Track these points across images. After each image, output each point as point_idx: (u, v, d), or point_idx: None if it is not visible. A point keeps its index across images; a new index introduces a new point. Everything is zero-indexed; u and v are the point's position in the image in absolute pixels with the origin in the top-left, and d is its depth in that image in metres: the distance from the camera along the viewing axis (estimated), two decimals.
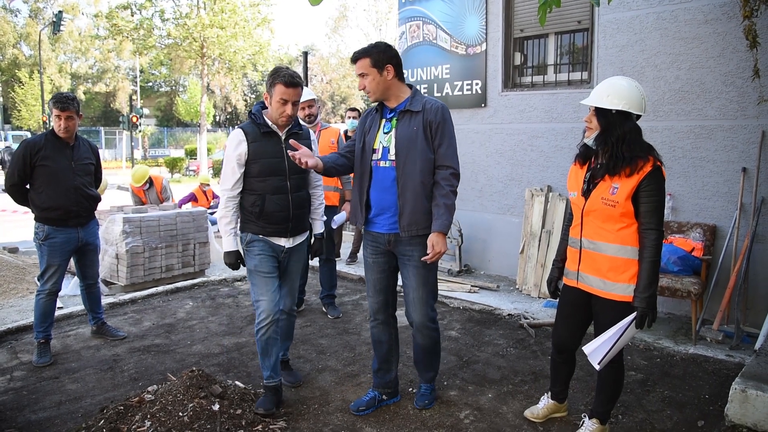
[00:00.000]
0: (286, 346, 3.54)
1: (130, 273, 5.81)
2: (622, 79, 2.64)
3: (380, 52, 2.93)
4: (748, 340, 4.20)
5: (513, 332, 4.55)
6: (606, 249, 2.62)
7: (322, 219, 3.47)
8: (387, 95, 3.00)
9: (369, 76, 2.94)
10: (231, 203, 3.15)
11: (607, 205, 2.57)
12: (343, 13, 39.40)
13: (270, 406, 3.12)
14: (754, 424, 2.96)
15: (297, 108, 3.09)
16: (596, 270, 2.67)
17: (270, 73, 3.07)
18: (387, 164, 2.98)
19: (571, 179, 2.82)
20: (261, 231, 3.16)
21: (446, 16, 6.40)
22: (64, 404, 3.28)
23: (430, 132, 2.92)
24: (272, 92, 3.03)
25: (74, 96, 3.97)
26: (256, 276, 3.16)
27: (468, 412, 3.21)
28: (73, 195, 3.91)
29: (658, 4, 4.89)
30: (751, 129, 4.51)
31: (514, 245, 5.93)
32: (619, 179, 2.54)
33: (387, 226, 3.03)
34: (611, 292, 2.63)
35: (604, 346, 2.59)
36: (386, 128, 3.02)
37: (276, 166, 3.11)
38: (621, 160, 2.53)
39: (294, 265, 3.32)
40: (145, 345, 4.22)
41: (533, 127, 5.82)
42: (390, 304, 3.21)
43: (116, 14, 24.05)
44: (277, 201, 3.12)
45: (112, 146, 35.50)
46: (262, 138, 3.10)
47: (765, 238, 4.41)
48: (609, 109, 2.56)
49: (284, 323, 3.40)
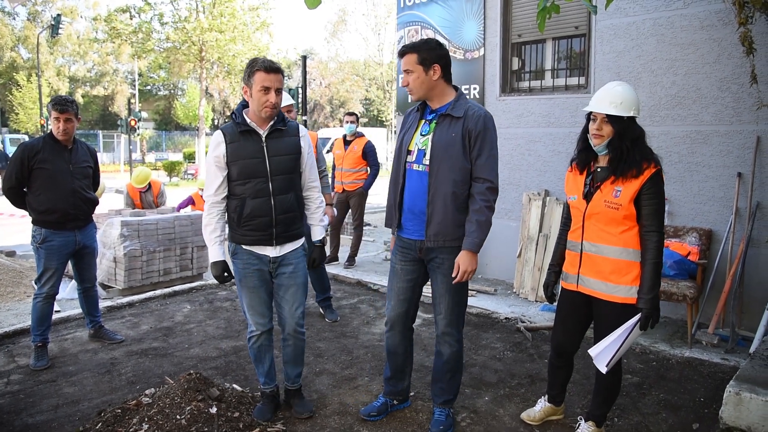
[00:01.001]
0: (295, 373, 3.22)
1: (127, 276, 5.81)
2: (621, 84, 2.66)
3: (430, 49, 2.78)
4: (743, 343, 4.22)
5: (510, 336, 4.57)
6: (608, 252, 2.64)
7: (321, 224, 3.20)
8: (430, 96, 2.85)
9: (414, 73, 2.78)
10: (214, 209, 2.93)
11: (610, 207, 2.59)
12: (342, 18, 39.55)
13: (267, 416, 3.07)
14: (748, 427, 2.98)
15: (281, 97, 2.85)
16: (598, 273, 2.68)
17: (247, 66, 2.85)
18: (421, 168, 2.83)
19: (569, 183, 2.83)
20: (243, 240, 2.94)
21: (445, 21, 6.43)
22: (62, 408, 3.29)
23: (469, 141, 2.75)
24: (251, 83, 2.79)
25: (73, 99, 3.98)
26: (244, 290, 3.01)
27: (465, 414, 3.22)
28: (71, 198, 3.91)
29: (654, 10, 4.92)
30: (746, 134, 4.54)
31: (511, 249, 5.95)
32: (622, 182, 2.58)
33: (417, 232, 2.88)
34: (614, 294, 2.64)
35: (610, 348, 2.60)
36: (424, 130, 2.88)
37: (255, 167, 2.87)
38: (631, 163, 2.57)
39: (289, 278, 3.03)
40: (142, 348, 4.22)
41: (531, 132, 5.85)
42: (410, 316, 3.07)
43: (115, 17, 24.13)
44: (258, 205, 2.89)
45: (110, 150, 35.54)
46: (240, 138, 2.87)
47: (760, 242, 4.43)
48: (622, 116, 2.59)
49: (290, 348, 3.14)
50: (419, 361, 3.83)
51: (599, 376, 2.80)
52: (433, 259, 2.89)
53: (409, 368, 3.21)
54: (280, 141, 2.95)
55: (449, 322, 2.93)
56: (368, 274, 6.46)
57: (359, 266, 6.93)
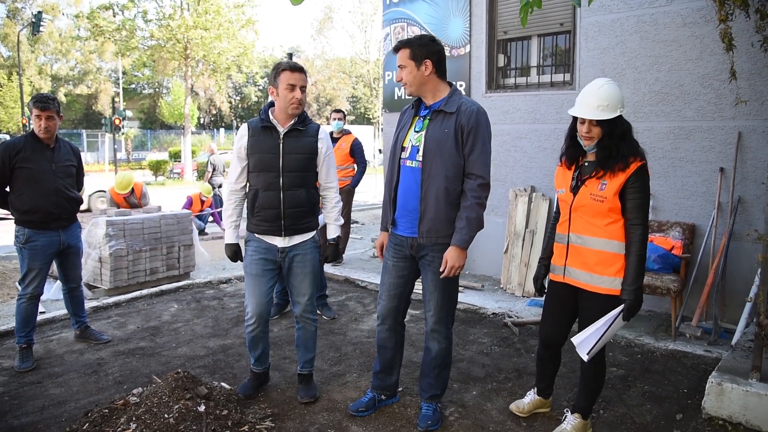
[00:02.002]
0: (306, 358, 3.36)
1: (113, 276, 5.77)
2: (606, 82, 2.66)
3: (422, 45, 2.82)
4: (726, 335, 4.28)
5: (497, 331, 4.60)
6: (594, 243, 2.69)
7: (336, 223, 3.34)
8: (423, 91, 2.88)
9: (406, 68, 2.83)
10: (233, 196, 3.21)
11: (595, 200, 2.64)
12: (328, 15, 39.35)
13: (250, 391, 3.32)
14: (730, 416, 3.04)
15: (305, 94, 3.09)
16: (583, 264, 2.73)
17: (273, 68, 3.13)
18: (414, 164, 2.86)
19: (559, 178, 2.87)
20: (255, 229, 3.17)
21: (430, 18, 6.44)
22: (48, 409, 3.26)
23: (462, 136, 2.77)
24: (278, 83, 3.04)
25: (54, 96, 3.94)
26: (247, 276, 3.23)
27: (453, 409, 3.25)
28: (54, 197, 3.87)
29: (638, 7, 4.97)
30: (728, 130, 4.61)
31: (498, 245, 5.98)
32: (609, 176, 2.62)
33: (410, 229, 2.91)
34: (598, 285, 2.69)
35: (592, 337, 2.64)
36: (418, 126, 2.91)
37: (269, 161, 3.08)
38: (618, 157, 2.61)
39: (298, 267, 3.20)
40: (129, 348, 4.19)
41: (517, 128, 5.88)
42: (400, 312, 3.11)
43: (98, 15, 23.81)
44: (268, 197, 3.09)
45: (94, 149, 35.10)
46: (261, 132, 3.11)
47: (741, 236, 4.50)
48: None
49: (301, 332, 3.32)
50: (408, 356, 3.85)
51: (584, 369, 2.84)
52: (425, 256, 2.91)
53: (399, 363, 3.24)
54: (298, 140, 3.14)
55: (438, 319, 2.96)
56: (356, 272, 6.47)
57: (347, 263, 6.94)
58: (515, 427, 3.05)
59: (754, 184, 4.50)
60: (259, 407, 3.23)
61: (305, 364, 3.38)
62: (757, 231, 3.46)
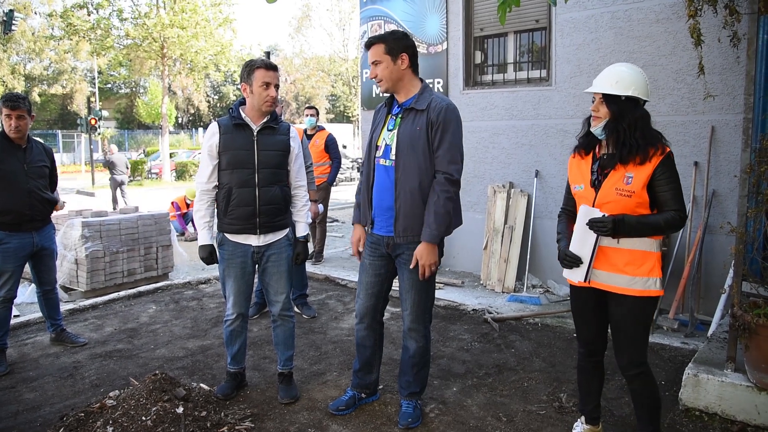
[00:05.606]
0: (285, 356, 3.36)
1: (90, 278, 5.67)
2: (627, 65, 2.55)
3: (396, 39, 2.83)
4: (702, 327, 4.36)
5: (477, 327, 4.62)
6: (623, 242, 2.46)
7: (306, 221, 3.35)
8: (398, 87, 2.88)
9: (382, 63, 2.82)
10: (205, 196, 3.16)
11: (622, 195, 2.42)
12: (307, 13, 39.23)
13: (228, 391, 3.30)
14: (706, 407, 3.09)
15: (278, 91, 3.12)
16: (611, 265, 2.49)
17: (245, 65, 3.11)
18: (388, 163, 2.87)
19: (573, 171, 2.63)
20: (228, 229, 3.15)
21: (407, 16, 6.44)
22: (22, 414, 3.19)
23: (432, 132, 2.77)
24: (252, 80, 3.05)
25: (25, 95, 3.87)
26: (225, 278, 3.24)
27: (433, 405, 3.25)
28: (27, 198, 3.80)
29: (612, 3, 5.03)
30: (701, 124, 4.68)
31: (477, 241, 6.01)
32: (632, 168, 2.41)
33: (385, 228, 2.91)
34: (630, 287, 2.46)
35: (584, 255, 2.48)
36: (390, 125, 2.91)
37: (243, 158, 3.08)
38: (634, 147, 2.41)
39: (273, 266, 3.22)
40: (106, 351, 4.13)
41: (494, 125, 5.91)
42: (378, 310, 3.11)
43: (72, 14, 23.40)
44: (243, 194, 3.08)
45: (70, 150, 34.52)
46: (234, 130, 3.10)
47: (716, 229, 4.58)
48: (618, 96, 2.45)
49: (279, 330, 3.33)
50: (388, 354, 3.85)
51: (635, 389, 2.61)
52: (401, 255, 2.91)
53: (378, 361, 3.23)
54: (271, 137, 3.16)
55: (415, 318, 2.96)
56: (336, 270, 6.45)
57: (327, 262, 6.92)
58: (495, 423, 3.07)
59: (727, 177, 4.57)
60: (239, 408, 3.20)
61: (285, 362, 3.37)
62: (731, 224, 3.51)
